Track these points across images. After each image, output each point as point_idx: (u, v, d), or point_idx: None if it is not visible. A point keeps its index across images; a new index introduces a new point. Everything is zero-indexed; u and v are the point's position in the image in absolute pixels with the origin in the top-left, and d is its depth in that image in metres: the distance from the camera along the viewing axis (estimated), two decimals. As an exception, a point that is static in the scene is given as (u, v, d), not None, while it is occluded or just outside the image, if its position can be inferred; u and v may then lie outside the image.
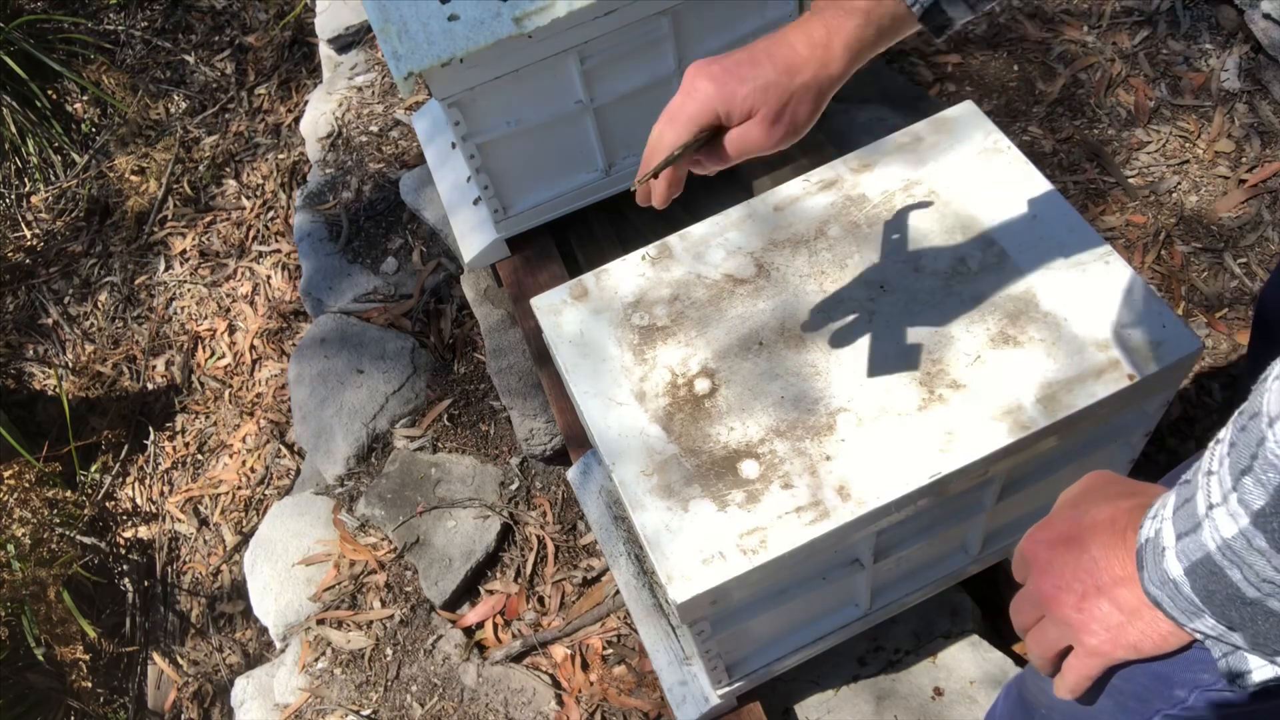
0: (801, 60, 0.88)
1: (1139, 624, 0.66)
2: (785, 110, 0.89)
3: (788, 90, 0.88)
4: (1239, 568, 0.55)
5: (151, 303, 2.95)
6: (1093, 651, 0.70)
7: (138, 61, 3.40)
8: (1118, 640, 0.68)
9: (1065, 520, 0.72)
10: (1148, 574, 0.63)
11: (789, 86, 0.88)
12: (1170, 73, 2.24)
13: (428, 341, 2.21)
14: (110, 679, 2.51)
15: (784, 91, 0.88)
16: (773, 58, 0.89)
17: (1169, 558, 0.60)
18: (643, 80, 1.72)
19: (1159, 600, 0.63)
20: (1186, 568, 0.59)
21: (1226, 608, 0.58)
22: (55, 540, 2.52)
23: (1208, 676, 0.69)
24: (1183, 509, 0.60)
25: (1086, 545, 0.69)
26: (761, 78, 0.88)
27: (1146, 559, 0.63)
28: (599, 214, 1.99)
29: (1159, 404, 1.23)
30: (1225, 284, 1.96)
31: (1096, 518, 0.70)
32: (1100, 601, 0.68)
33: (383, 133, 2.58)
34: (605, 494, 1.60)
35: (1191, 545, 0.58)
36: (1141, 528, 0.65)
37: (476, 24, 1.55)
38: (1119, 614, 0.67)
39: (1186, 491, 0.60)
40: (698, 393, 1.19)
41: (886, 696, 1.52)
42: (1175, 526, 0.60)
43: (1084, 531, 0.70)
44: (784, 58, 0.89)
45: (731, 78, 0.88)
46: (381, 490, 1.96)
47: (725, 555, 1.07)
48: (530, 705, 1.68)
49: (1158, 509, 0.64)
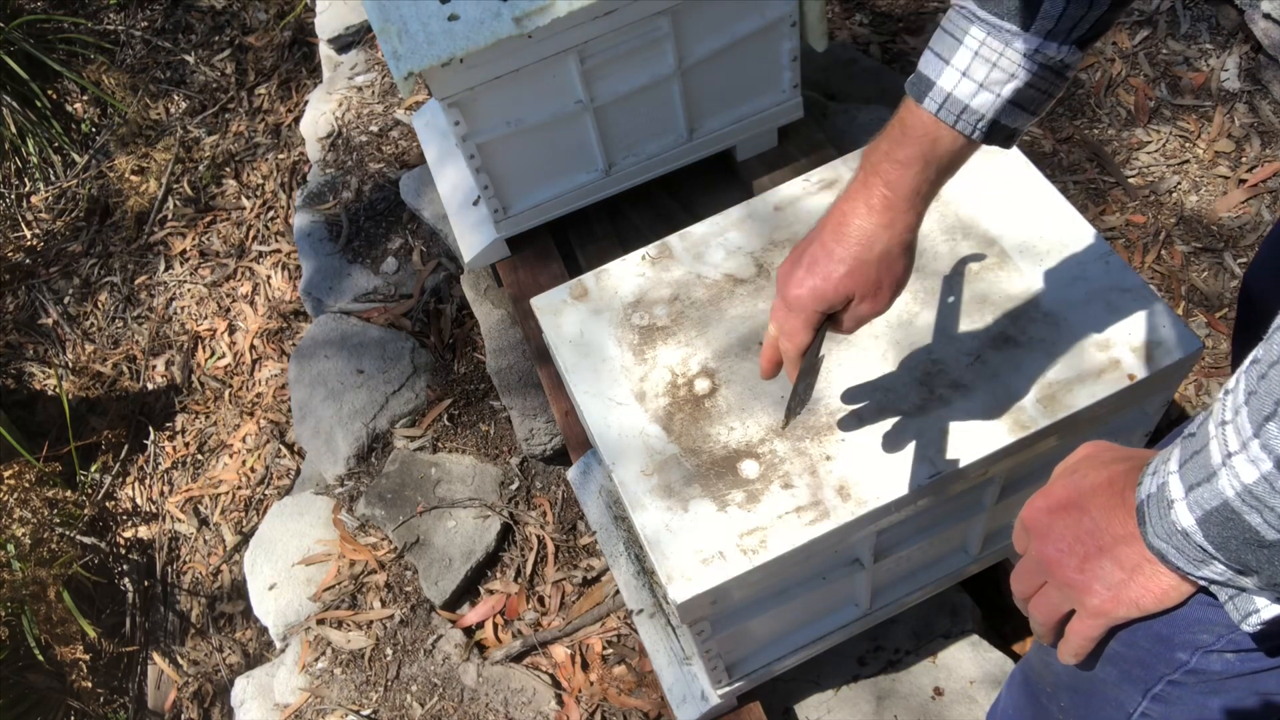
0: (870, 230, 0.90)
1: (1140, 579, 0.68)
2: (879, 280, 0.91)
3: (871, 264, 0.90)
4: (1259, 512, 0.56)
5: (151, 303, 2.95)
6: (1095, 611, 0.71)
7: (138, 61, 3.40)
8: (1119, 598, 0.69)
9: (1063, 486, 0.73)
10: (1151, 528, 0.64)
11: (870, 260, 0.90)
12: (1170, 73, 2.24)
13: (428, 341, 2.21)
14: (110, 679, 2.51)
15: (869, 267, 0.90)
16: (842, 240, 0.91)
17: (1179, 509, 0.61)
18: (643, 80, 1.72)
19: (1164, 553, 0.64)
20: (1199, 517, 0.60)
21: (1242, 552, 0.59)
22: (55, 540, 2.52)
23: (1207, 637, 0.70)
24: (1191, 462, 0.61)
25: (1086, 508, 0.70)
26: (841, 266, 0.90)
27: (1150, 513, 0.65)
28: (599, 214, 1.99)
29: (1159, 404, 1.23)
30: (1225, 284, 1.96)
31: (1095, 481, 0.71)
32: (1102, 561, 0.69)
33: (383, 133, 2.58)
34: (605, 494, 1.60)
35: (1206, 494, 0.59)
36: (1140, 485, 0.66)
37: (476, 24, 1.55)
38: (1120, 571, 0.68)
39: (1193, 444, 0.61)
40: (698, 393, 1.19)
41: (886, 696, 1.52)
42: (1183, 479, 0.61)
43: (1083, 495, 0.71)
44: (853, 236, 0.90)
45: (816, 277, 0.91)
46: (381, 490, 1.96)
47: (725, 555, 1.07)
48: (530, 705, 1.68)
49: (1156, 465, 0.65)
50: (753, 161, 1.98)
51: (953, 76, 0.84)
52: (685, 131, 1.86)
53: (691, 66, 1.74)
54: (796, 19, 1.76)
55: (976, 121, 0.86)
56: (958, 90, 0.85)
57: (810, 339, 0.94)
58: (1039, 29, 0.81)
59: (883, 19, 2.52)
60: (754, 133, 1.93)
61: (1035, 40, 0.82)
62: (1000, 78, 0.84)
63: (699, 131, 1.88)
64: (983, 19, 0.83)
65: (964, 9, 0.85)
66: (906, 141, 0.88)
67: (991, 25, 0.82)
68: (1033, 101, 0.86)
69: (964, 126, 0.86)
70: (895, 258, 0.91)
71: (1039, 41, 0.82)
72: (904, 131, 0.88)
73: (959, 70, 0.84)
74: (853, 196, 0.91)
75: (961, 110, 0.85)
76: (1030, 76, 0.84)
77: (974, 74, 0.84)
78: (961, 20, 0.85)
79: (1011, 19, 0.81)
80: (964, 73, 0.84)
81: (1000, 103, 0.85)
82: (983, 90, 0.84)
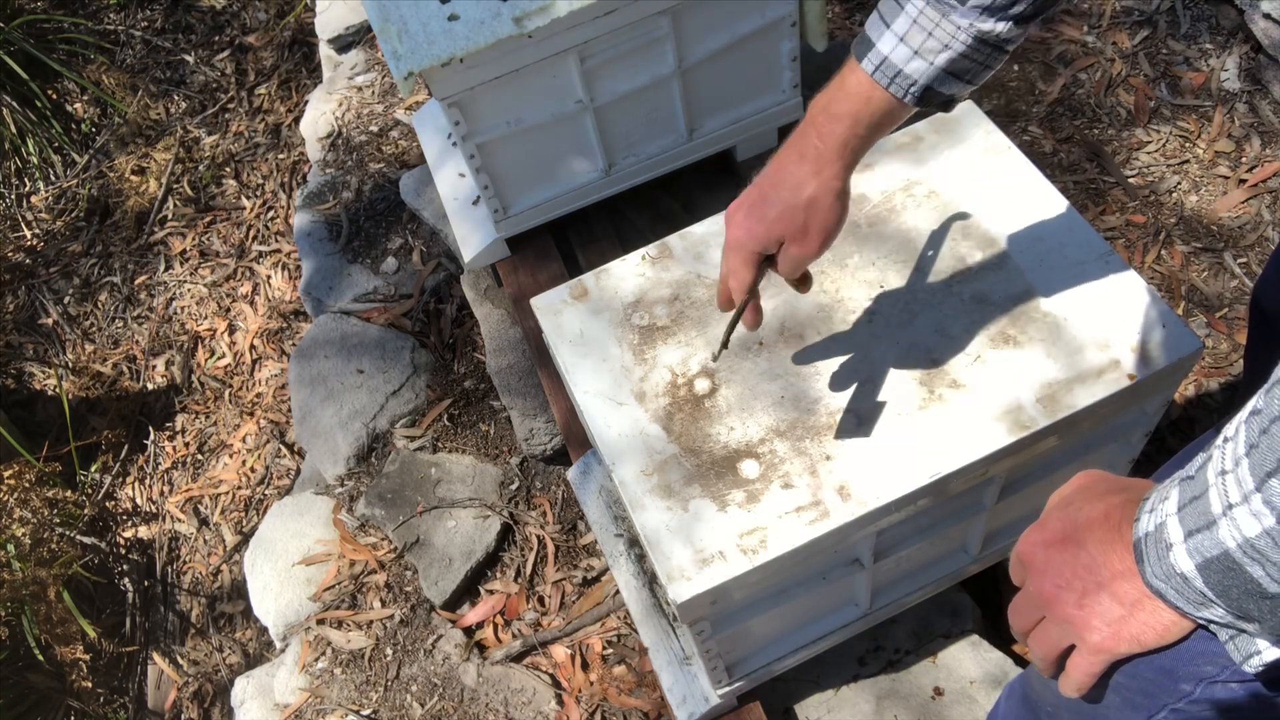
0: (800, 177, 0.94)
1: (1140, 615, 0.67)
2: (807, 225, 0.95)
3: (799, 209, 0.94)
4: (1261, 565, 0.56)
5: (151, 303, 2.95)
6: (1096, 648, 0.70)
7: (138, 61, 3.40)
8: (1119, 634, 0.68)
9: (1059, 520, 0.73)
10: (1149, 567, 0.64)
11: (798, 204, 0.94)
12: (1170, 73, 2.24)
13: (428, 341, 2.21)
14: (110, 679, 2.51)
15: (796, 211, 0.94)
16: (776, 186, 0.95)
17: (1177, 554, 0.61)
18: (643, 80, 1.72)
19: (1163, 592, 0.64)
20: (1199, 564, 0.60)
21: (1244, 601, 0.59)
22: (55, 540, 2.52)
23: (1211, 669, 0.70)
24: (1190, 506, 0.61)
25: (1083, 543, 0.70)
26: (773, 209, 0.95)
27: (1148, 553, 0.64)
28: (599, 214, 1.99)
29: (1159, 404, 1.23)
30: (1225, 284, 1.96)
31: (1091, 515, 0.71)
32: (1100, 597, 0.68)
33: (383, 133, 2.58)
34: (605, 494, 1.60)
35: (1206, 542, 0.59)
36: (1138, 521, 0.66)
37: (476, 24, 1.55)
38: (1120, 608, 0.68)
39: (1193, 489, 0.61)
40: (698, 393, 1.19)
41: (886, 696, 1.52)
42: (1183, 524, 0.61)
43: (1079, 529, 0.71)
44: (785, 182, 0.95)
45: (752, 219, 0.97)
46: (381, 490, 1.96)
47: (725, 555, 1.07)
48: (530, 705, 1.68)
49: (1154, 503, 0.64)
50: (753, 161, 1.98)
51: (890, 41, 0.87)
52: (685, 131, 1.86)
53: (691, 66, 1.74)
54: (796, 19, 1.76)
55: (909, 86, 0.88)
56: (893, 55, 0.87)
57: (752, 276, 1.00)
58: (976, 3, 0.83)
59: (883, 19, 2.52)
60: (754, 133, 1.93)
61: (972, 14, 0.83)
62: (935, 46, 0.85)
63: (699, 131, 1.88)
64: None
65: None
66: (842, 98, 0.91)
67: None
68: (968, 72, 0.88)
69: (896, 89, 0.89)
70: (823, 206, 0.95)
71: (975, 15, 0.83)
72: (841, 88, 0.92)
73: (897, 35, 0.86)
74: (790, 145, 0.95)
75: (895, 74, 0.88)
76: (965, 49, 0.85)
77: (910, 40, 0.86)
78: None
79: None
80: (901, 38, 0.86)
81: (934, 70, 0.87)
82: (917, 57, 0.86)
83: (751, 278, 1.00)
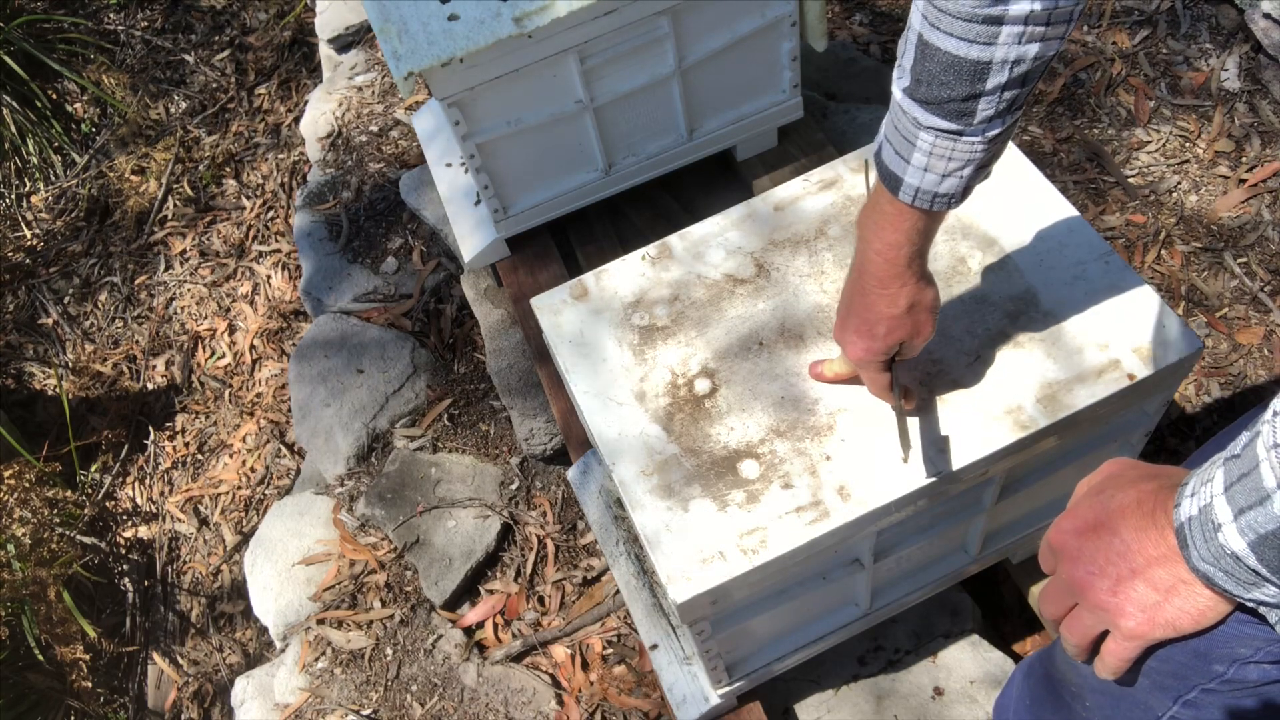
0: (889, 296, 1.00)
1: (1176, 601, 0.68)
2: (916, 323, 1.02)
3: (903, 318, 1.01)
4: None
5: (151, 303, 2.95)
6: (1130, 634, 0.71)
7: (138, 61, 3.40)
8: (1154, 620, 0.69)
9: (1091, 508, 0.73)
10: (1195, 551, 0.64)
11: (900, 314, 1.01)
12: (1170, 72, 2.24)
13: (428, 341, 2.21)
14: (110, 679, 2.51)
15: (902, 319, 1.01)
16: (872, 308, 1.01)
17: (1227, 533, 0.61)
18: (643, 80, 1.72)
19: (1210, 575, 0.64)
20: (1252, 541, 0.60)
21: None
22: (55, 540, 2.52)
23: (1245, 650, 0.70)
24: (1239, 484, 0.61)
25: (1116, 529, 0.70)
26: (880, 327, 1.02)
27: (1193, 536, 0.64)
28: (599, 214, 1.99)
29: (1159, 404, 1.23)
30: (1225, 284, 1.96)
31: (1123, 502, 0.71)
32: (1135, 583, 0.69)
33: (383, 133, 2.58)
34: (605, 494, 1.60)
35: (1260, 518, 0.59)
36: (1179, 506, 0.66)
37: (476, 24, 1.55)
38: (1155, 593, 0.68)
39: (1240, 466, 0.61)
40: (698, 393, 1.19)
41: (886, 696, 1.52)
42: (1231, 503, 0.61)
43: (1112, 516, 0.71)
44: (876, 305, 1.01)
45: (868, 340, 1.03)
46: (381, 490, 1.96)
47: (725, 555, 1.07)
48: (530, 705, 1.68)
49: (1195, 486, 0.65)
50: (753, 161, 1.98)
51: (916, 174, 0.90)
52: (685, 131, 1.86)
53: (691, 66, 1.74)
54: (796, 19, 1.76)
55: (950, 199, 0.92)
56: (924, 183, 0.91)
57: (888, 378, 1.08)
58: (980, 124, 0.86)
59: (883, 19, 2.52)
60: (754, 132, 1.93)
61: (978, 131, 0.87)
62: (958, 164, 0.89)
63: (699, 131, 1.88)
64: (928, 126, 0.87)
65: (910, 116, 0.88)
66: (890, 227, 0.95)
67: (938, 131, 0.87)
68: (994, 157, 0.92)
69: (940, 205, 0.92)
70: (919, 302, 1.00)
71: (983, 130, 0.86)
72: (887, 216, 0.95)
73: (920, 168, 0.90)
74: (863, 272, 1.00)
75: (934, 197, 0.91)
76: (984, 155, 0.89)
77: (934, 168, 0.89)
78: (910, 126, 0.88)
79: (953, 121, 0.86)
80: (925, 169, 0.90)
81: (966, 179, 0.91)
82: (947, 178, 0.90)
83: (888, 379, 1.07)
